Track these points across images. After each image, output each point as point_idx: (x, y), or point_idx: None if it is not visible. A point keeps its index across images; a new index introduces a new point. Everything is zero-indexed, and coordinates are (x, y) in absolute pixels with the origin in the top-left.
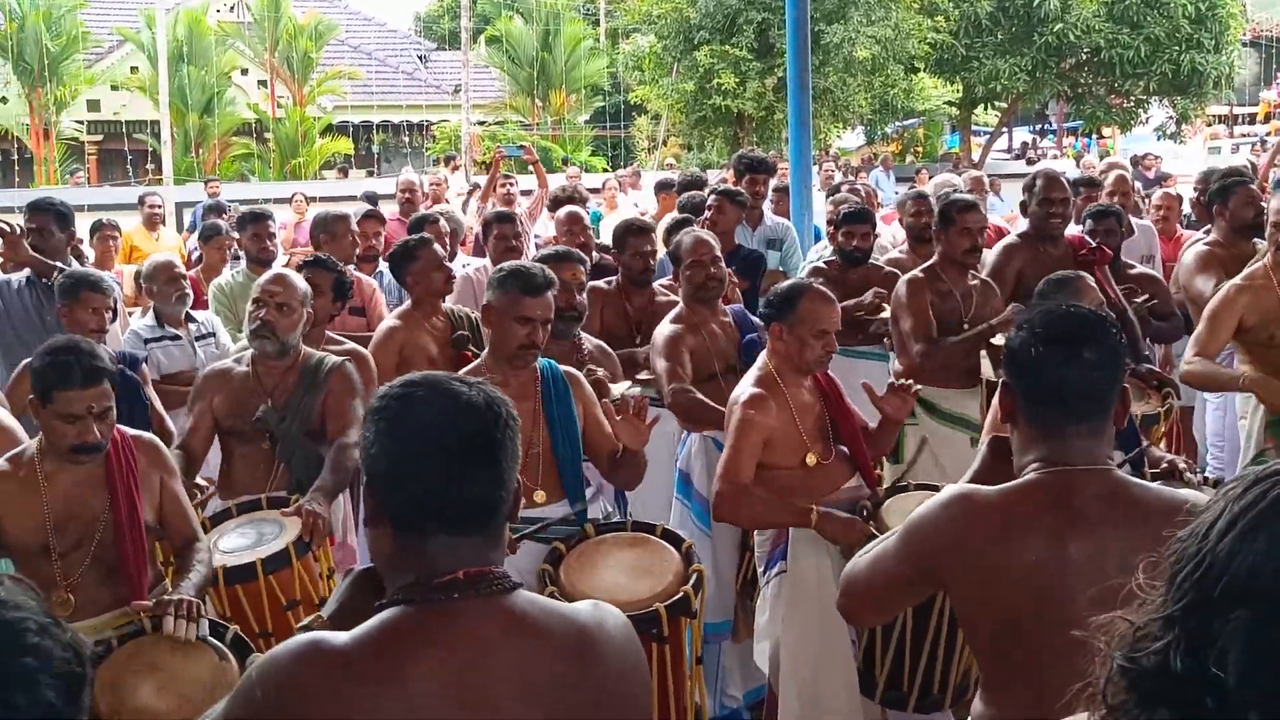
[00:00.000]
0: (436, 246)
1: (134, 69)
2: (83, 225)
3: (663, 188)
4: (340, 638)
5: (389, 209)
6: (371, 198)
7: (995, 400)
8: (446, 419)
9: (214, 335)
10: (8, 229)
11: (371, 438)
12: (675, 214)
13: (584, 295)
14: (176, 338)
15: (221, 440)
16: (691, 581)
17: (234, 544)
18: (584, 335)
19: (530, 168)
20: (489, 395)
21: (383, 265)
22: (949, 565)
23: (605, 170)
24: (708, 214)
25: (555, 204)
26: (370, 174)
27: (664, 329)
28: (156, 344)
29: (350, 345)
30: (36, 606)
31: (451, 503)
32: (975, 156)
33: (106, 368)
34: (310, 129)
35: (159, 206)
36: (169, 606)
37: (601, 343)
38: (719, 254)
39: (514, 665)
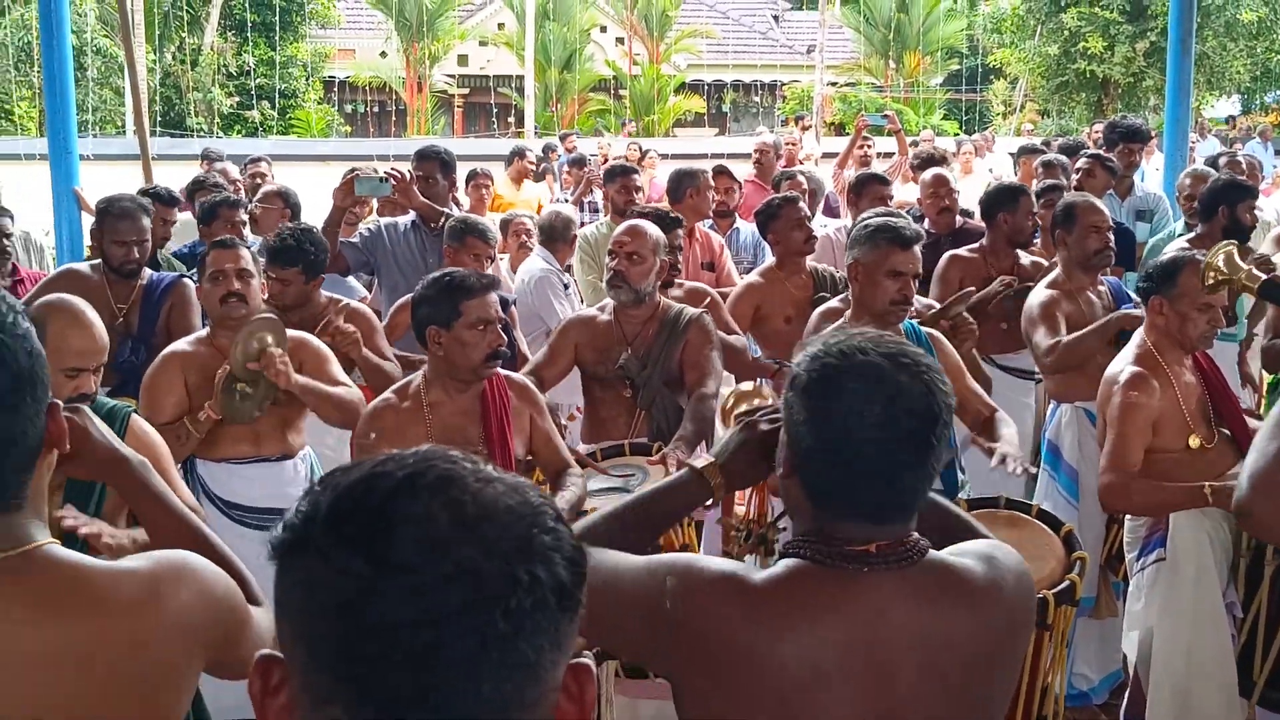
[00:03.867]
0: (801, 204)
1: (501, 25)
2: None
3: (1026, 153)
4: (755, 576)
5: (741, 170)
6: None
7: None
8: (888, 421)
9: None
10: (399, 175)
11: (800, 409)
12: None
13: None
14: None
15: (585, 385)
16: (1076, 569)
17: (599, 487)
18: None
19: (893, 135)
20: (933, 387)
21: (739, 222)
22: None
23: (957, 134)
24: (1076, 177)
25: (923, 164)
26: (719, 133)
27: (1040, 293)
28: None
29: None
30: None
31: (873, 499)
32: None
33: (496, 279)
34: (664, 86)
35: (533, 162)
36: None
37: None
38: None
39: (920, 630)
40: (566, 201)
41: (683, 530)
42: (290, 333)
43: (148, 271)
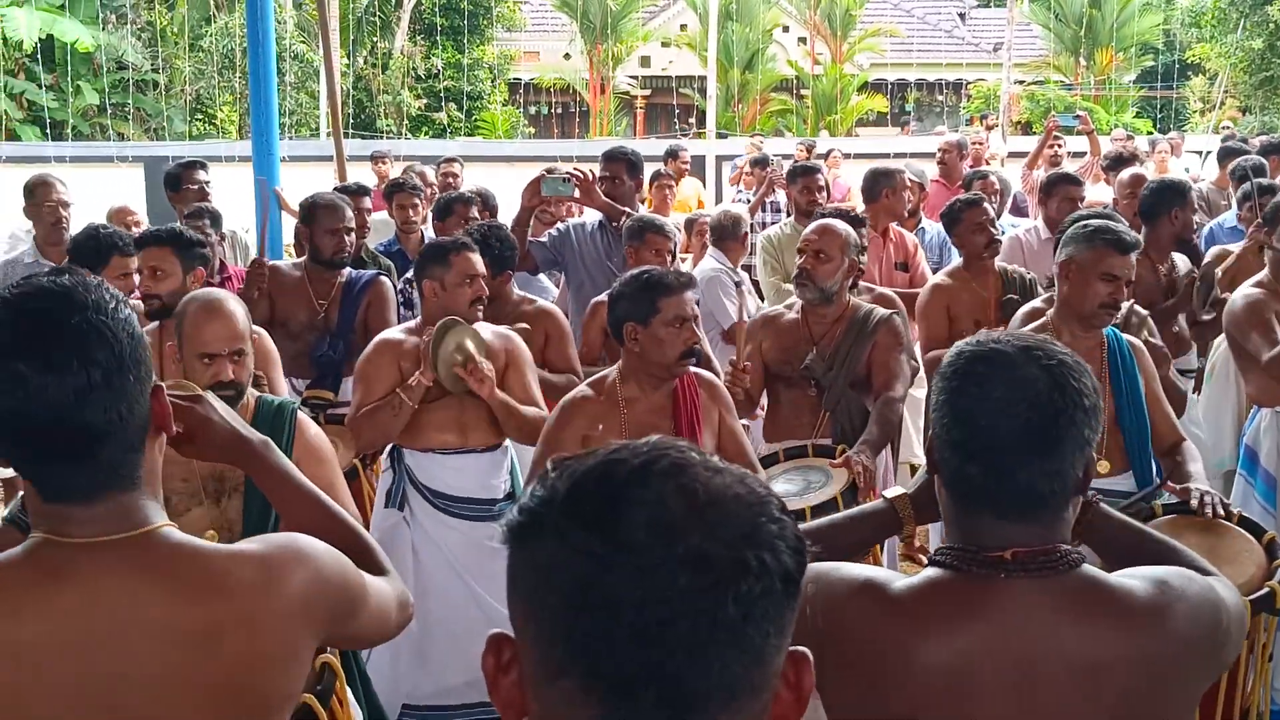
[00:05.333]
0: (985, 205)
1: (683, 26)
2: None
3: (1228, 154)
4: (894, 584)
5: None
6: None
7: None
8: (1005, 405)
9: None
10: (582, 175)
11: (935, 402)
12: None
13: None
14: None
15: (769, 384)
16: (1277, 577)
17: (781, 490)
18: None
19: (1084, 135)
20: (1060, 380)
21: (924, 222)
22: None
23: (1150, 133)
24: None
25: (1115, 164)
26: (901, 132)
27: (1245, 292)
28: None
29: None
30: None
31: (999, 490)
32: None
33: (694, 278)
34: (846, 86)
35: (687, 161)
36: None
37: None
38: None
39: (1066, 644)
40: (748, 202)
41: None
42: (498, 330)
43: (347, 269)
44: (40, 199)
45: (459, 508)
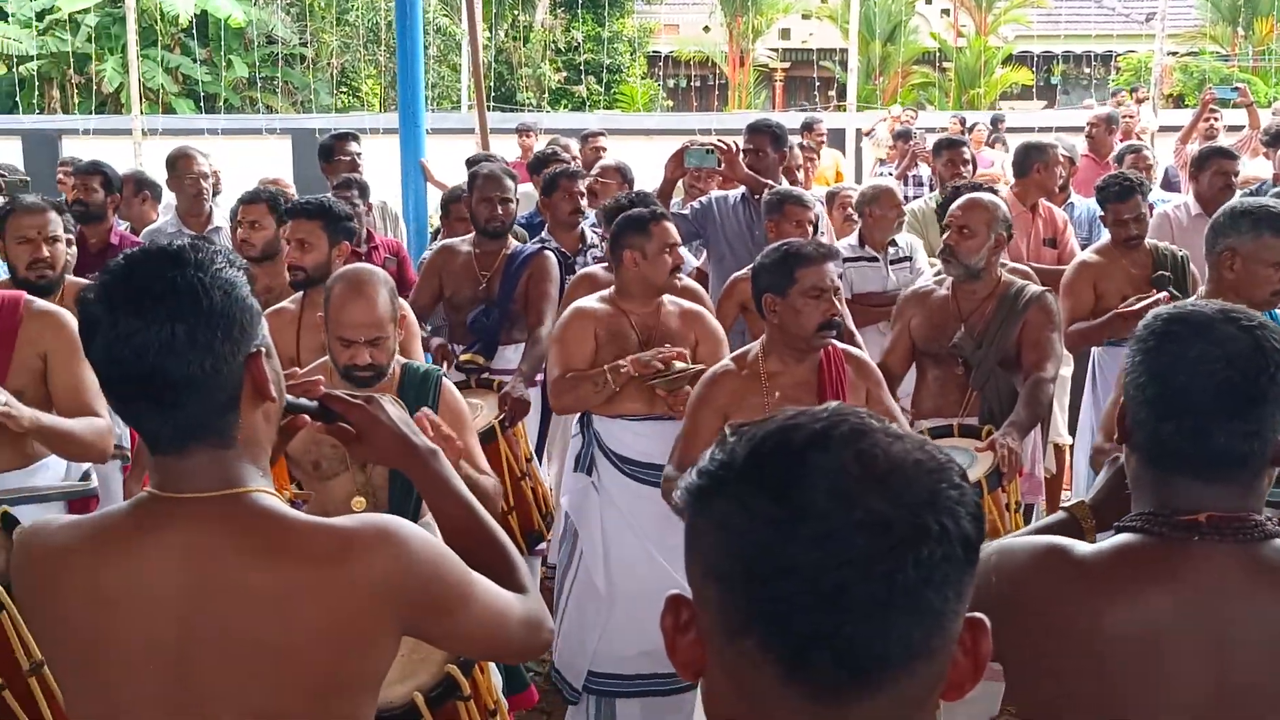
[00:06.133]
0: (1139, 199)
1: None
2: None
3: None
4: (1080, 549)
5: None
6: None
7: None
8: (1203, 363)
9: (911, 259)
10: (725, 147)
11: (1130, 365)
12: None
13: None
14: (874, 259)
15: (917, 361)
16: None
17: None
18: None
19: (1243, 108)
20: (1261, 341)
21: (1074, 197)
22: None
23: None
24: None
25: (1275, 139)
26: (1046, 106)
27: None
28: (853, 264)
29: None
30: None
31: (1195, 451)
32: None
33: (835, 249)
34: (990, 59)
35: (822, 134)
36: None
37: None
38: None
39: (1262, 612)
40: (890, 175)
41: None
42: (681, 303)
43: (513, 242)
44: (181, 171)
45: (645, 473)
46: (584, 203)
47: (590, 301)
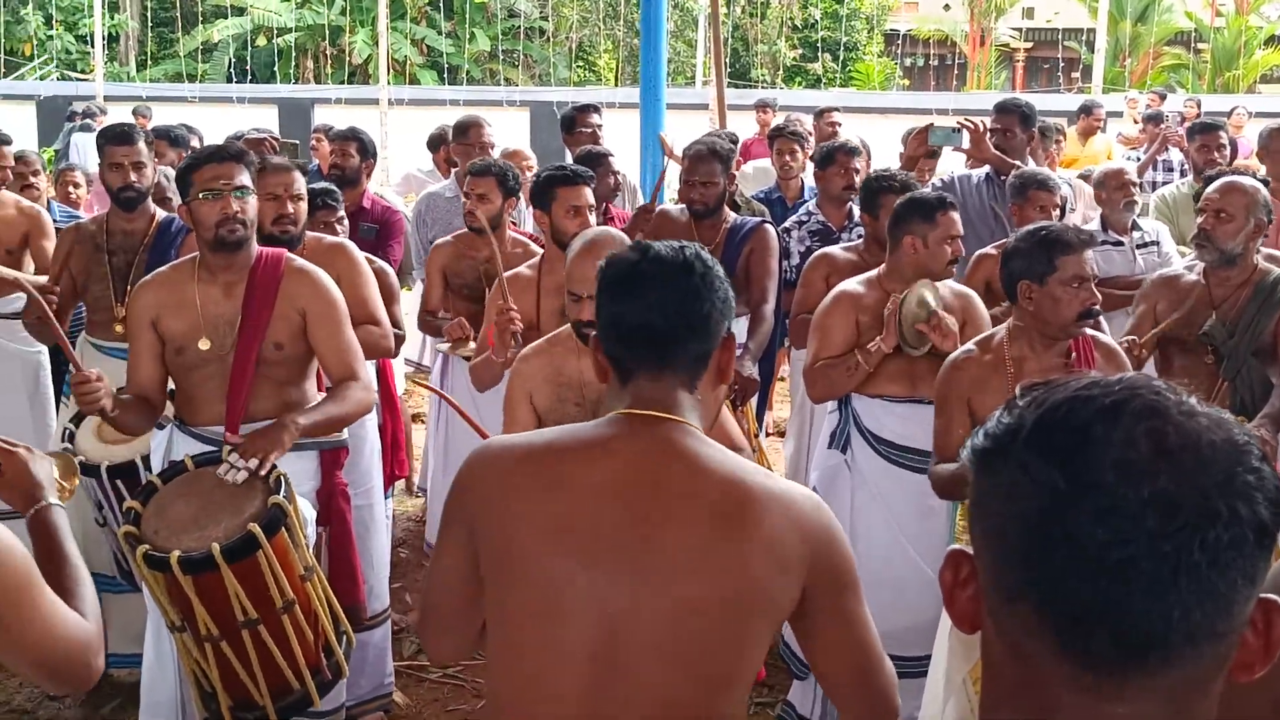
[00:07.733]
0: None
1: None
2: None
3: None
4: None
5: None
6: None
7: None
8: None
9: (1157, 244)
10: (973, 125)
11: None
12: None
13: None
14: (1119, 243)
15: (1161, 349)
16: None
17: None
18: None
19: None
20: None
21: None
22: None
23: None
24: None
25: None
26: None
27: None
28: (1098, 249)
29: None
30: (1254, 442)
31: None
32: None
33: (1094, 236)
34: (1251, 39)
35: (1100, 118)
36: None
37: None
38: None
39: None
40: (1139, 160)
41: None
42: (954, 286)
43: (733, 215)
44: (473, 139)
45: (901, 456)
46: (857, 179)
47: (853, 284)
